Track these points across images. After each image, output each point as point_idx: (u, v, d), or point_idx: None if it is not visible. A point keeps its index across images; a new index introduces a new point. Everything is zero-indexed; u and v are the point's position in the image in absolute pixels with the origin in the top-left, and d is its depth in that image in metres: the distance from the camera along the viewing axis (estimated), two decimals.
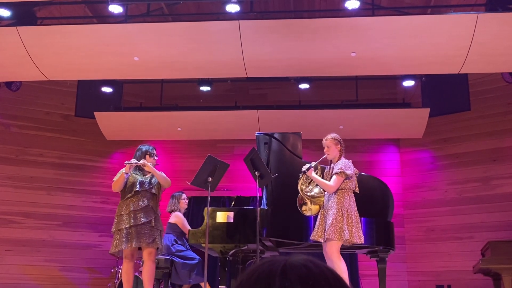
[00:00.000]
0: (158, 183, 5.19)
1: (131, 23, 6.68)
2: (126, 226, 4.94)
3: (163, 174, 5.23)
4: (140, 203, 5.03)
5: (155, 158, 5.31)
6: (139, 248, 5.15)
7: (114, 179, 5.14)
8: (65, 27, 6.42)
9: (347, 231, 4.61)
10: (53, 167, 8.60)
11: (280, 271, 0.86)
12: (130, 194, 5.07)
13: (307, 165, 4.92)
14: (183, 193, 6.77)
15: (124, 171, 5.07)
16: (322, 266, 0.88)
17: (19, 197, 8.30)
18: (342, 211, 4.68)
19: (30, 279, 8.08)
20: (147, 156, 5.24)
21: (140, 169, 5.22)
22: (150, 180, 5.16)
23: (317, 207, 4.95)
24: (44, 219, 8.37)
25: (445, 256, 8.03)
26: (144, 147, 5.34)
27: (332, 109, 8.28)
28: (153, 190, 5.14)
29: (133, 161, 5.13)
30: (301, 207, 5.04)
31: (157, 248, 5.09)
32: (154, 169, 5.13)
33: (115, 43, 6.38)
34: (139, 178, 5.14)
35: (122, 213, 5.03)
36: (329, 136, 4.98)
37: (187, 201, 6.82)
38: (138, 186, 5.08)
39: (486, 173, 8.01)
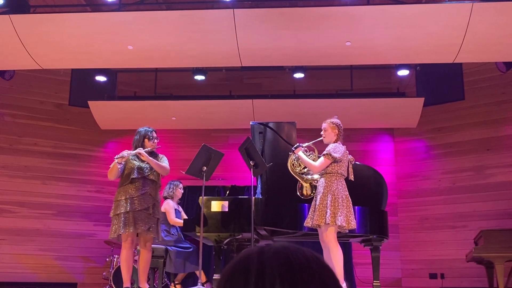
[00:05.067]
0: None
1: (125, 11, 6.64)
2: (123, 211, 4.82)
3: (164, 163, 5.06)
4: (138, 190, 4.90)
5: (155, 140, 5.13)
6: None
7: (111, 166, 5.01)
8: (59, 16, 6.37)
9: (329, 214, 4.58)
10: (47, 156, 8.58)
11: (256, 270, 0.84)
12: (127, 181, 4.93)
13: (297, 144, 4.95)
14: (180, 182, 6.80)
15: (117, 161, 4.91)
16: (300, 257, 0.86)
17: (13, 187, 8.28)
18: (327, 194, 4.68)
19: (25, 268, 8.08)
20: (146, 140, 5.07)
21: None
22: (149, 166, 5.00)
23: (308, 184, 5.00)
24: (38, 208, 8.36)
25: (438, 244, 8.08)
26: (142, 130, 5.15)
27: (326, 99, 8.29)
28: (151, 177, 4.99)
29: (125, 153, 4.92)
30: (301, 192, 5.04)
31: (153, 237, 5.05)
32: (150, 158, 4.95)
33: (109, 32, 6.34)
34: (137, 164, 4.98)
35: (119, 199, 4.90)
36: (328, 120, 4.99)
37: (182, 191, 6.85)
38: (135, 173, 4.93)
39: (480, 162, 8.04)
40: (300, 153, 4.92)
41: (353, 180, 4.95)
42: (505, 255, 5.90)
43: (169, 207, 6.50)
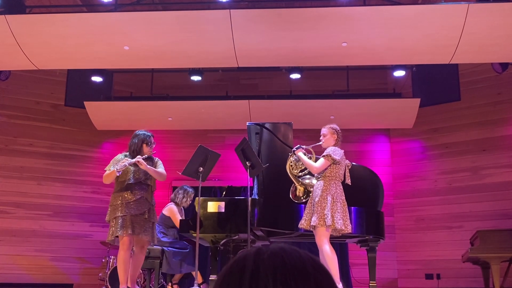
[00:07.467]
0: None
1: (121, 12, 6.63)
2: (120, 214, 4.79)
3: (161, 169, 5.02)
4: (134, 195, 4.86)
5: (153, 146, 5.07)
6: None
7: (106, 168, 4.94)
8: (55, 16, 6.35)
9: (329, 217, 4.62)
10: (43, 157, 8.55)
11: (251, 270, 0.84)
12: (123, 186, 4.89)
13: (297, 145, 5.02)
14: (193, 192, 6.70)
15: (116, 168, 4.78)
16: (295, 259, 0.86)
17: (9, 187, 8.26)
18: (327, 197, 4.73)
19: (21, 269, 8.06)
20: (144, 145, 4.99)
21: (134, 156, 4.93)
22: (145, 171, 4.93)
23: (303, 188, 5.07)
24: (34, 209, 8.33)
25: (434, 245, 8.09)
26: (141, 134, 5.05)
27: (323, 99, 8.29)
28: (147, 181, 4.97)
29: (126, 163, 4.79)
30: (294, 196, 5.10)
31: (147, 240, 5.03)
32: (148, 167, 4.88)
33: (105, 32, 6.32)
34: (132, 169, 4.92)
35: (115, 203, 4.87)
36: (327, 125, 5.09)
37: (190, 202, 6.74)
38: (132, 178, 4.90)
39: (476, 163, 8.06)
40: (300, 154, 4.98)
41: (350, 184, 4.99)
42: (501, 255, 5.92)
43: (174, 212, 6.49)
